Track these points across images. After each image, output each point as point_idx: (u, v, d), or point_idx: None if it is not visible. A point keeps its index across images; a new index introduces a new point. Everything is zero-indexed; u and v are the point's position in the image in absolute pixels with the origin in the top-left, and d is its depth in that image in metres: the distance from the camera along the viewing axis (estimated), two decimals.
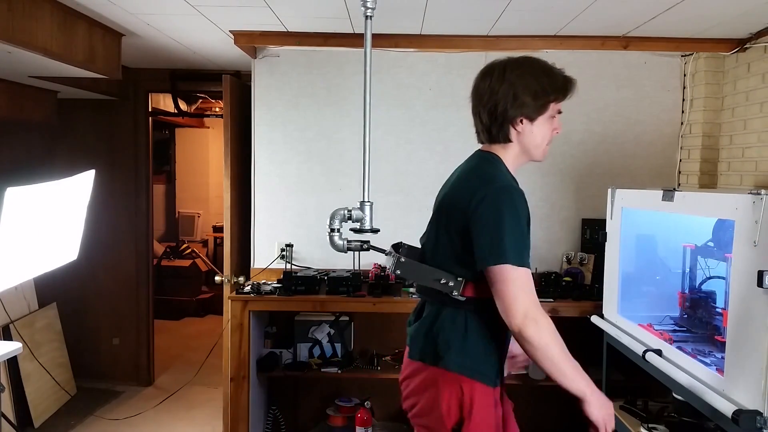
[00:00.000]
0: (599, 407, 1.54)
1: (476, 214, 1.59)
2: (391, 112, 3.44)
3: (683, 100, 3.38)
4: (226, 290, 3.38)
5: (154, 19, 2.93)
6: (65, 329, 4.20)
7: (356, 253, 2.98)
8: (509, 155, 1.78)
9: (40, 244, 2.72)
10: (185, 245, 6.86)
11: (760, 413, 1.74)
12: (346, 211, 2.32)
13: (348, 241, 2.29)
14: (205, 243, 7.49)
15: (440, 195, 1.79)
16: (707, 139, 3.20)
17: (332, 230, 2.25)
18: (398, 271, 1.73)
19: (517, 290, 1.52)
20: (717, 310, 2.33)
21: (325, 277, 3.18)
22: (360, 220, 2.41)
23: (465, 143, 3.41)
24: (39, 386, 3.75)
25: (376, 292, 3.10)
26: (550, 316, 2.85)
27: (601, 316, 2.88)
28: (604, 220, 2.89)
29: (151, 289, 4.55)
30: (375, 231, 2.45)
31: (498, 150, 1.77)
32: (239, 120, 3.51)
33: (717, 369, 2.03)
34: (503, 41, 3.24)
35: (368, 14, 1.96)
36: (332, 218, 2.30)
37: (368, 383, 3.44)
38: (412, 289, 3.08)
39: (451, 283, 1.62)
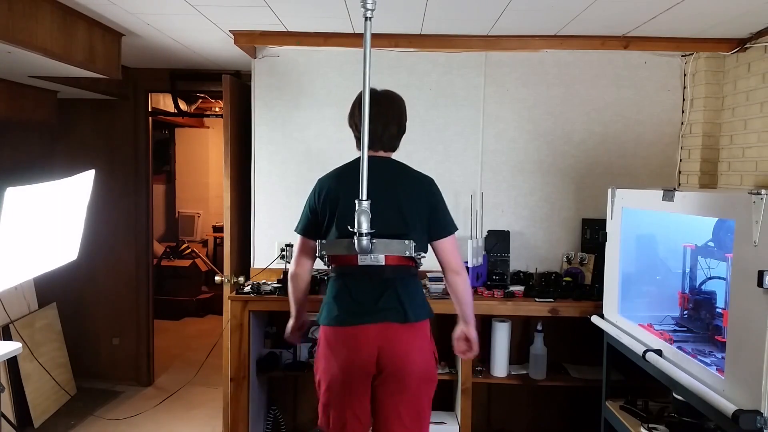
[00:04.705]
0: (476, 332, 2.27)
1: None
2: None
3: (683, 100, 3.38)
4: (226, 290, 3.38)
5: (154, 19, 2.93)
6: (65, 329, 4.20)
7: None
8: None
9: (40, 244, 2.72)
10: (185, 245, 6.86)
11: (760, 413, 1.74)
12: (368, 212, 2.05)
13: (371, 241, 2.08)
14: (205, 243, 7.49)
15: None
16: (707, 139, 3.20)
17: (360, 234, 1.98)
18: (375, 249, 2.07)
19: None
20: (717, 310, 2.33)
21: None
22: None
23: (465, 143, 3.45)
24: (39, 386, 3.75)
25: None
26: (551, 317, 3.05)
27: (602, 316, 2.88)
28: (605, 220, 2.90)
29: (151, 289, 4.55)
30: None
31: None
32: (239, 120, 3.51)
33: (717, 369, 2.03)
34: (503, 41, 3.23)
35: (368, 15, 1.94)
36: (360, 222, 1.98)
37: None
38: None
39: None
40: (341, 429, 2.14)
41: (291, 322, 2.43)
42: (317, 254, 2.22)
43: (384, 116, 2.16)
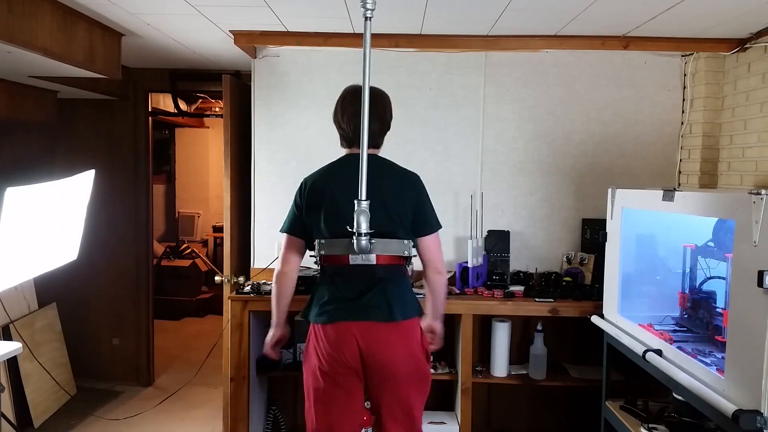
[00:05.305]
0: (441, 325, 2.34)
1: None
2: None
3: (683, 100, 3.38)
4: (226, 290, 3.38)
5: (154, 19, 2.93)
6: (65, 329, 4.20)
7: None
8: None
9: (40, 244, 2.72)
10: (185, 245, 6.86)
11: (760, 413, 1.74)
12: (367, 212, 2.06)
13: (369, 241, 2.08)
14: (205, 243, 7.49)
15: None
16: (707, 139, 3.20)
17: (360, 234, 1.98)
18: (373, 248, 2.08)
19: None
20: (717, 310, 2.33)
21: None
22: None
23: (465, 143, 3.45)
24: (39, 386, 3.75)
25: None
26: (551, 317, 3.04)
27: (602, 316, 2.88)
28: (605, 220, 2.90)
29: (151, 289, 4.55)
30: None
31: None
32: (239, 120, 3.51)
33: (717, 369, 2.03)
34: (503, 41, 3.23)
35: (368, 15, 1.94)
36: (359, 222, 1.98)
37: None
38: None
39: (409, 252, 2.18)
40: (327, 427, 2.14)
41: (271, 332, 2.36)
42: (315, 254, 2.21)
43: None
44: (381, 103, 2.25)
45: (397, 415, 2.14)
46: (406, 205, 2.15)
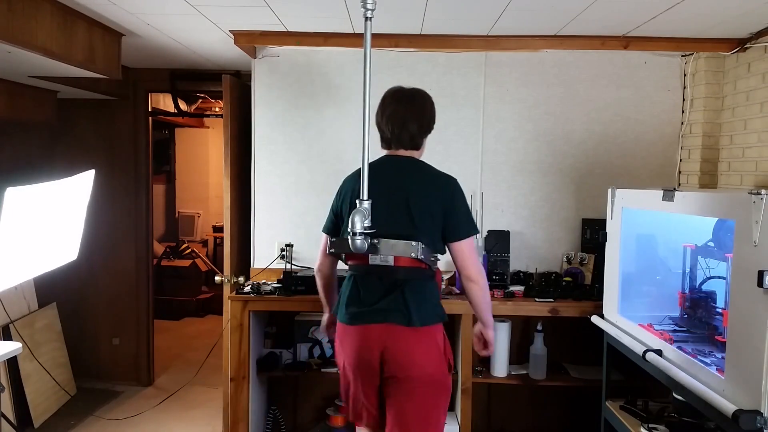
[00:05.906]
0: (493, 333, 2.29)
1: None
2: None
3: (683, 100, 3.38)
4: (226, 290, 3.38)
5: (154, 19, 2.93)
6: (65, 329, 4.21)
7: None
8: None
9: (40, 244, 2.72)
10: (185, 245, 6.86)
11: (760, 413, 1.74)
12: (366, 211, 2.07)
13: (369, 243, 2.08)
14: (205, 243, 7.49)
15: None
16: (707, 139, 3.20)
17: (354, 234, 1.99)
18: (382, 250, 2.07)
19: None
20: (717, 310, 2.33)
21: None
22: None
23: (465, 143, 3.45)
24: (39, 386, 3.75)
25: None
26: (551, 317, 3.05)
27: (602, 316, 2.89)
28: (605, 220, 2.90)
29: (151, 289, 4.55)
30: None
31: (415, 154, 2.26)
32: (239, 120, 3.51)
33: (717, 369, 2.03)
34: (503, 41, 3.24)
35: (368, 15, 1.95)
36: (354, 221, 1.99)
37: None
38: None
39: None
40: (357, 416, 2.20)
41: (324, 317, 2.50)
42: (327, 251, 2.26)
43: (402, 115, 2.15)
44: (420, 104, 2.23)
45: (408, 420, 2.08)
46: (433, 210, 2.08)
